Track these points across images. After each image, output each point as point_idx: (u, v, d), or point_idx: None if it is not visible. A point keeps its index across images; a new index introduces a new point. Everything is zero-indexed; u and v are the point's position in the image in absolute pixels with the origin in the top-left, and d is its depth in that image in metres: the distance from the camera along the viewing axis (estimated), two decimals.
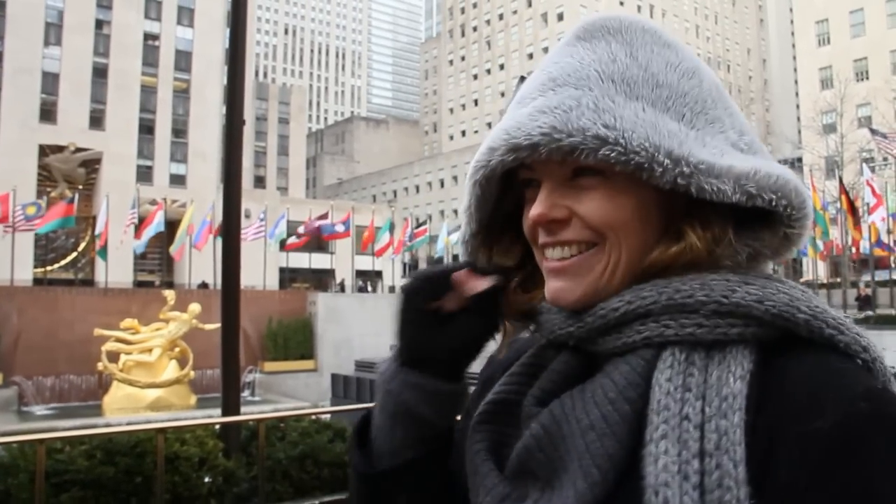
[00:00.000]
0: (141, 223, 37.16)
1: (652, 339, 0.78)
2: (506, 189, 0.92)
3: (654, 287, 0.80)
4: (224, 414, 7.05)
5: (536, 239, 0.87)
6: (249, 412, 11.99)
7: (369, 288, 53.97)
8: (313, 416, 7.57)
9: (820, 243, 35.12)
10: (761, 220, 0.81)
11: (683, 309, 0.77)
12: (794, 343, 0.75)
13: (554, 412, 0.79)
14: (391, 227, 41.92)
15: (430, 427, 0.91)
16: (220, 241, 8.68)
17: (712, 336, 0.76)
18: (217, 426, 6.82)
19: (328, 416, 7.80)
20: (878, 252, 34.47)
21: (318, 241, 42.10)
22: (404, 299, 0.92)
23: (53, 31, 55.98)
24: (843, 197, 32.50)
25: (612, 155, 0.77)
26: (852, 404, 0.68)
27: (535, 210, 0.84)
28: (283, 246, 41.32)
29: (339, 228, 39.94)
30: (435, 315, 0.90)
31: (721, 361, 0.75)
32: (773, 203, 0.79)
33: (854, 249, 35.58)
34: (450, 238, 41.99)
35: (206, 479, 6.06)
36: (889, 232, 33.73)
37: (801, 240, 0.83)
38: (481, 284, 0.90)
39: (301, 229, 40.40)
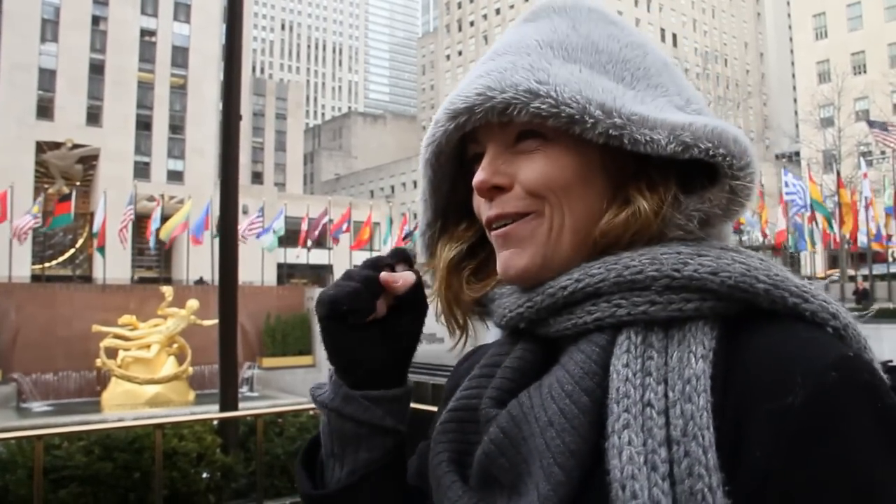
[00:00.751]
0: (144, 221, 37.15)
1: (604, 320, 0.74)
2: (460, 175, 0.91)
3: (603, 264, 0.76)
4: (222, 410, 7.05)
5: (482, 218, 0.85)
6: (248, 408, 11.99)
7: None
8: (311, 412, 7.57)
9: (817, 234, 35.14)
10: (707, 182, 0.77)
11: (634, 286, 0.73)
12: (758, 316, 0.70)
13: (512, 413, 0.75)
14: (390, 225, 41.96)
15: (393, 436, 0.89)
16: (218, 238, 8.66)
17: (666, 313, 0.71)
18: (215, 422, 6.83)
19: None
20: (877, 246, 34.46)
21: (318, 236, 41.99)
22: (333, 330, 0.87)
23: (50, 28, 55.84)
24: (841, 191, 32.54)
25: (544, 108, 0.75)
26: (823, 375, 0.63)
27: (477, 177, 0.81)
28: (280, 243, 41.25)
29: (343, 228, 40.01)
30: (366, 328, 0.87)
31: (681, 341, 0.70)
32: (711, 153, 0.74)
33: (851, 242, 35.58)
34: None
35: (204, 475, 6.08)
36: (886, 226, 33.73)
37: (749, 192, 0.77)
38: (410, 277, 0.88)
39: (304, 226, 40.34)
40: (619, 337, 0.73)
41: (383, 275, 0.86)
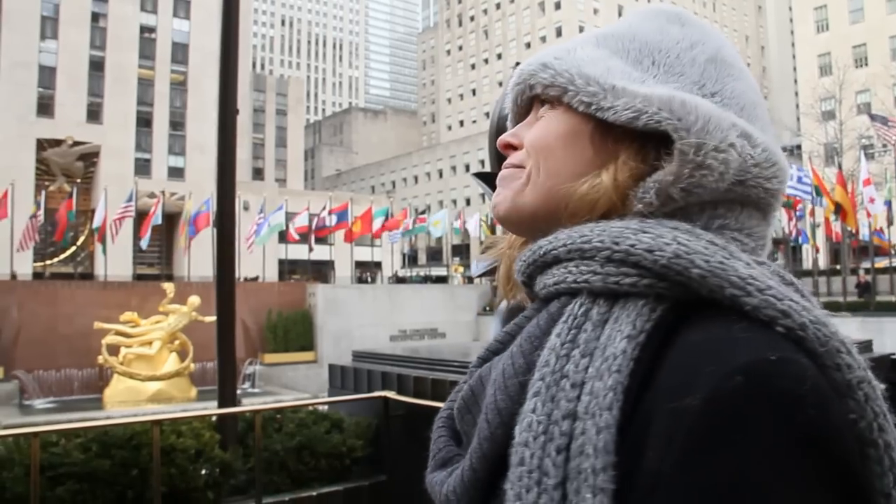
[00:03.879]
0: (144, 218, 37.10)
1: (559, 286, 0.76)
2: None
3: (569, 231, 0.77)
4: (221, 405, 7.02)
5: None
6: (249, 404, 11.96)
7: (368, 279, 54.03)
8: (310, 407, 7.54)
9: (816, 227, 35.04)
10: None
11: (584, 255, 0.74)
12: (708, 309, 0.66)
13: (482, 372, 0.81)
14: (386, 215, 41.85)
15: None
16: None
17: (602, 284, 0.71)
18: (214, 418, 6.79)
19: (326, 406, 7.77)
20: (878, 240, 34.39)
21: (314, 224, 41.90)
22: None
23: (49, 25, 55.75)
24: (840, 187, 32.40)
25: (545, 77, 0.83)
26: (726, 378, 0.58)
27: (500, 138, 0.91)
28: (282, 238, 41.20)
29: (332, 221, 39.80)
30: None
31: (618, 319, 0.69)
32: (658, 117, 0.73)
33: (854, 236, 35.51)
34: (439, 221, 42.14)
35: (203, 472, 6.04)
36: (890, 222, 33.58)
37: (697, 154, 0.72)
38: None
39: (301, 222, 40.22)
40: (568, 306, 0.73)
41: None
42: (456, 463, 0.79)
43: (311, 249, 40.36)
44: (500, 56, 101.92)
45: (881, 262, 35.90)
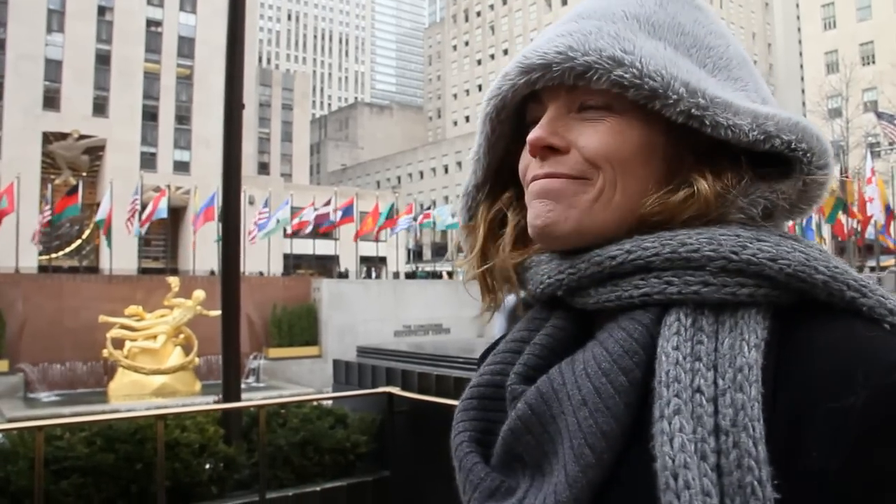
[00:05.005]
0: (143, 210, 37.14)
1: (651, 296, 0.71)
2: (514, 139, 0.87)
3: (657, 238, 0.73)
4: (225, 400, 7.02)
5: (527, 177, 0.81)
6: (253, 398, 11.97)
7: (373, 274, 54.07)
8: (315, 403, 7.54)
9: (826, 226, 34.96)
10: (778, 172, 0.75)
11: (688, 264, 0.70)
12: (811, 308, 0.68)
13: (542, 389, 0.73)
14: (389, 212, 41.86)
15: None
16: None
17: (719, 295, 0.69)
18: (218, 412, 6.79)
19: (330, 402, 7.77)
20: (883, 238, 34.33)
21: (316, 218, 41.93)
22: None
23: (56, 18, 55.82)
24: (847, 183, 32.36)
25: (627, 76, 0.73)
26: (886, 375, 0.60)
27: (533, 133, 0.78)
28: (285, 234, 41.23)
29: (337, 216, 39.80)
30: None
31: (732, 328, 0.67)
32: (793, 145, 0.73)
33: (861, 232, 35.42)
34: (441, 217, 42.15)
35: (207, 466, 6.04)
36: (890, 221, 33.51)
37: (822, 191, 0.76)
38: None
39: (307, 216, 40.24)
40: (666, 317, 0.70)
41: None
42: (506, 492, 0.74)
43: (314, 239, 40.28)
44: (506, 52, 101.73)
45: (887, 261, 35.80)
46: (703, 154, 0.76)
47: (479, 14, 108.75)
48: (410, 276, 52.44)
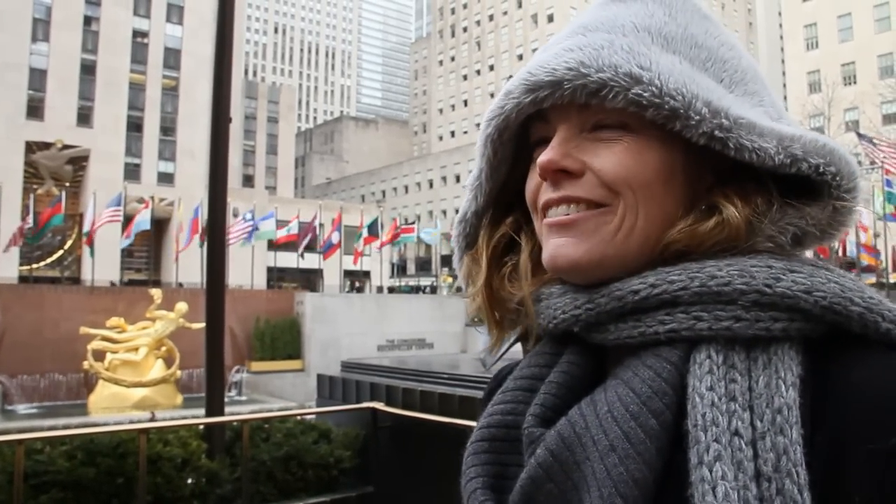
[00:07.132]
0: (128, 222, 36.91)
1: (679, 333, 0.67)
2: (516, 161, 0.83)
3: (683, 271, 0.68)
4: (208, 414, 6.98)
5: (538, 202, 0.76)
6: (235, 412, 11.89)
7: (356, 288, 53.97)
8: (298, 417, 7.51)
9: None
10: (805, 196, 0.71)
11: (719, 298, 0.66)
12: (841, 339, 0.65)
13: (563, 434, 0.67)
14: (371, 226, 41.79)
15: None
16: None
17: (752, 331, 0.64)
18: (201, 427, 6.75)
19: (313, 416, 7.74)
20: (865, 257, 34.61)
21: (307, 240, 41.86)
22: None
23: (41, 27, 55.53)
24: None
25: (646, 95, 0.68)
26: None
27: (544, 156, 0.73)
28: (270, 245, 41.11)
29: (335, 239, 39.77)
30: None
31: (766, 365, 0.64)
32: (821, 169, 0.69)
33: (841, 251, 35.74)
34: (435, 233, 42.07)
35: (189, 481, 6.01)
36: (877, 236, 33.81)
37: (852, 215, 0.72)
38: None
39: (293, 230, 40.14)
40: (696, 354, 0.66)
41: None
42: None
43: (301, 256, 40.22)
44: (492, 67, 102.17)
45: (868, 280, 36.08)
46: (725, 173, 0.72)
47: (465, 30, 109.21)
48: (392, 290, 52.39)
